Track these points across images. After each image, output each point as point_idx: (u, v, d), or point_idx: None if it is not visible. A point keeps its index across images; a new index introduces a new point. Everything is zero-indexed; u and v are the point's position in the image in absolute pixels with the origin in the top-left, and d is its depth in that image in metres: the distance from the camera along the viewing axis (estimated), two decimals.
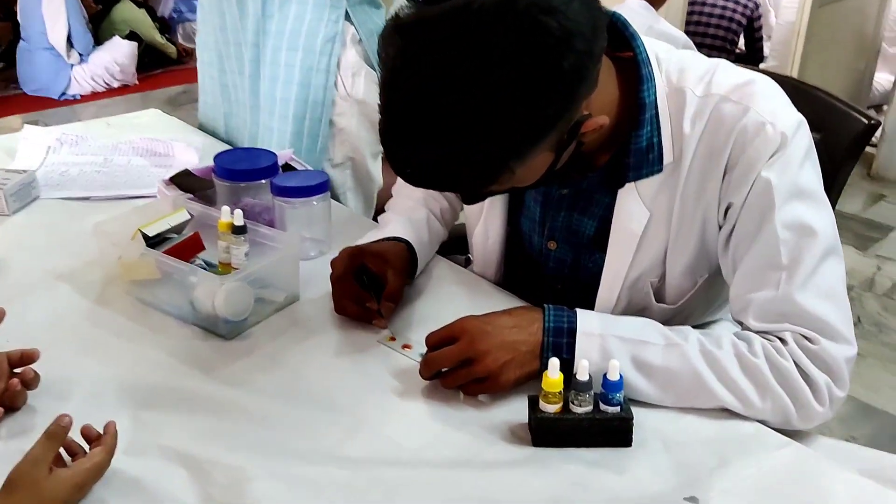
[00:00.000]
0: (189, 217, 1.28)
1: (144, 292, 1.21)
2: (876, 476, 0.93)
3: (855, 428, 0.92)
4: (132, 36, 5.57)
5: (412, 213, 1.32)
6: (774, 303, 0.98)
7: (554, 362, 0.92)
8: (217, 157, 1.38)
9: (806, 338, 0.97)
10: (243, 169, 1.35)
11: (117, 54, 5.37)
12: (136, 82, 5.49)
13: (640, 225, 1.06)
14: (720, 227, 1.04)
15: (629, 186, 1.06)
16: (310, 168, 1.50)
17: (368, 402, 1.01)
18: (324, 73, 1.66)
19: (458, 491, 0.88)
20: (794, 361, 0.96)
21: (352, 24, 1.70)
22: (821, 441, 1.02)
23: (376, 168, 1.82)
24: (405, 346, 1.11)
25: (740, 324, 1.04)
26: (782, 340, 0.98)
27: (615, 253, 1.10)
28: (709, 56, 1.10)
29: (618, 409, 0.93)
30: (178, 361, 1.09)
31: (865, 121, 1.34)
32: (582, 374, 0.92)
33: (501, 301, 1.22)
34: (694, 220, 1.04)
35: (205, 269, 1.21)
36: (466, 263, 1.49)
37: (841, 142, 1.33)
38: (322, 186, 1.32)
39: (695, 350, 0.98)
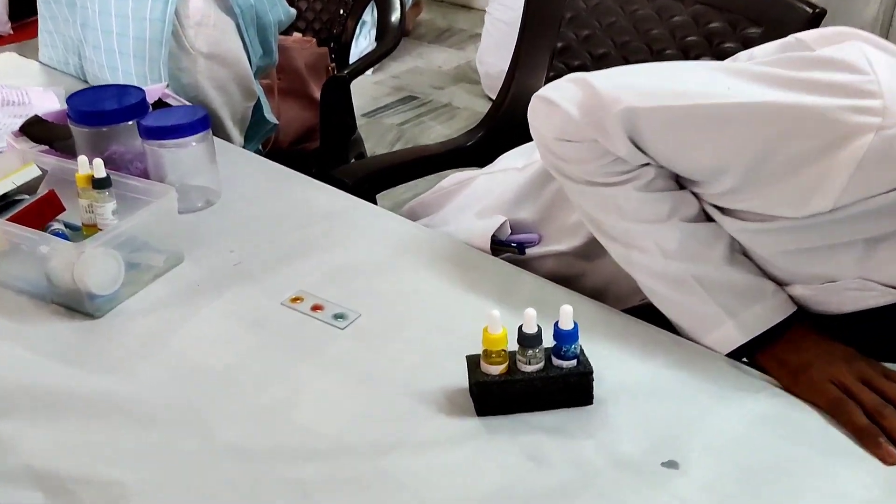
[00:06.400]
0: (40, 173, 1.06)
1: None
2: None
3: None
4: None
5: None
6: None
7: (495, 315, 0.76)
8: (70, 99, 1.15)
9: None
10: (103, 110, 1.12)
11: None
12: (11, 32, 5.01)
13: None
14: None
15: None
16: (187, 103, 1.27)
17: (273, 381, 0.84)
18: (159, 22, 1.35)
19: (390, 483, 0.72)
20: None
21: None
22: None
23: (235, 130, 1.51)
24: (315, 308, 0.93)
25: None
26: None
27: None
28: None
29: (574, 362, 0.78)
30: (36, 352, 0.89)
31: (810, 10, 1.21)
32: (529, 326, 0.76)
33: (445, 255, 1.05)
34: None
35: (62, 234, 1.00)
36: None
37: (785, 34, 1.23)
38: (201, 123, 1.11)
39: None
